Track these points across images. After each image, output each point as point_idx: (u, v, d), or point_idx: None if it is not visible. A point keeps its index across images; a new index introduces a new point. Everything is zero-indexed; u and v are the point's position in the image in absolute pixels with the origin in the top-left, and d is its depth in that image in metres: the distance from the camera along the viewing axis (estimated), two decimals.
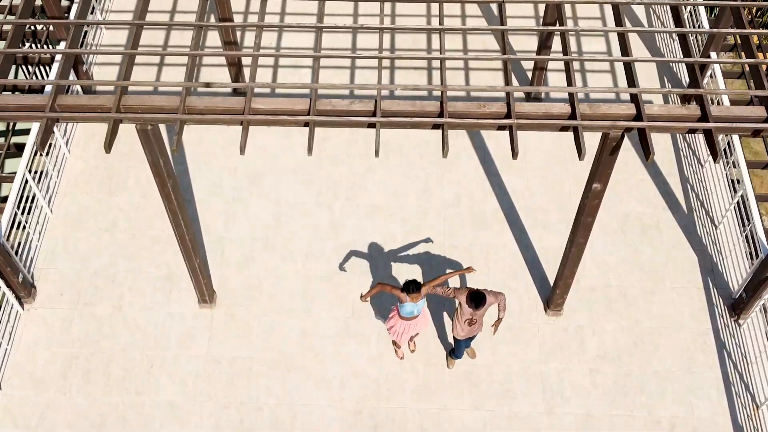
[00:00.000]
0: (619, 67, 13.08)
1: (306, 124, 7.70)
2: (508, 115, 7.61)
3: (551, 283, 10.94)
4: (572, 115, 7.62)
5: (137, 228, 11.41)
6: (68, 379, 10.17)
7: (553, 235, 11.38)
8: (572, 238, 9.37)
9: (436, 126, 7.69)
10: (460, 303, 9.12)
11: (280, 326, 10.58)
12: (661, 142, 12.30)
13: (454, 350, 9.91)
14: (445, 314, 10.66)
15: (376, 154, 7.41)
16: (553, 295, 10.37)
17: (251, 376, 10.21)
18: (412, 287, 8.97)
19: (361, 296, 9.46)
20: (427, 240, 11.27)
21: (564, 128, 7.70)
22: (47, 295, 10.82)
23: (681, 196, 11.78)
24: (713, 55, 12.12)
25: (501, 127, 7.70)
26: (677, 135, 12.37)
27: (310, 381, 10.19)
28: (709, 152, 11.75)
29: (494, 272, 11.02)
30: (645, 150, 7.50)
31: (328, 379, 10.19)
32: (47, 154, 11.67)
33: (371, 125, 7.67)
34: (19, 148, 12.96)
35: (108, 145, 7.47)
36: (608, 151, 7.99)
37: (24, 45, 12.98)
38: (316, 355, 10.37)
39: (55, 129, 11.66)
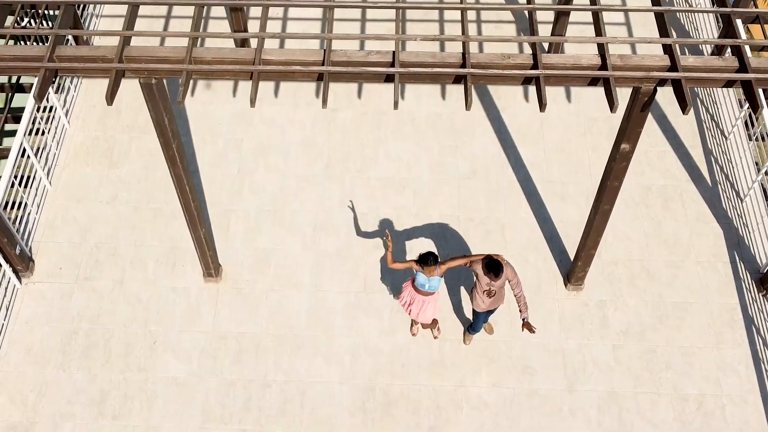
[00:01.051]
0: (648, 22, 12.64)
1: (320, 77, 7.25)
2: (534, 66, 7.15)
3: (571, 256, 10.50)
4: (603, 66, 7.16)
5: (139, 200, 10.97)
6: (67, 354, 9.72)
7: (572, 208, 10.93)
8: (597, 204, 8.92)
9: (457, 79, 7.24)
10: (476, 274, 8.67)
11: (288, 301, 10.14)
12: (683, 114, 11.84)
13: (472, 325, 9.47)
14: (462, 289, 10.21)
15: (395, 106, 6.96)
16: (574, 268, 9.92)
17: (259, 352, 9.77)
18: (431, 260, 8.52)
19: (390, 244, 8.83)
20: (441, 213, 10.82)
21: (593, 81, 7.25)
22: (46, 269, 10.38)
23: (704, 169, 11.33)
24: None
25: (527, 80, 7.24)
26: (700, 105, 11.92)
27: (320, 357, 9.74)
28: (733, 124, 11.34)
29: (511, 246, 10.57)
30: (681, 103, 7.04)
31: (339, 354, 9.75)
32: (45, 131, 11.23)
33: (389, 78, 7.22)
34: (17, 121, 12.54)
35: (110, 97, 7.01)
36: (639, 107, 7.54)
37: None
38: (326, 331, 9.92)
39: (54, 99, 11.22)
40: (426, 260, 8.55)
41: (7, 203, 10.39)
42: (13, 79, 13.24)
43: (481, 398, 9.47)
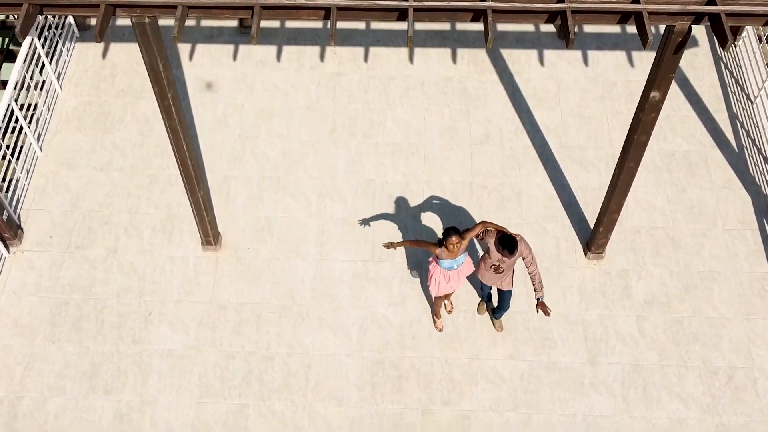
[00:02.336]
0: None
1: (326, 14, 6.67)
2: (560, 0, 6.56)
3: (591, 224, 9.92)
4: (635, 0, 6.58)
5: (134, 167, 10.39)
6: (57, 326, 9.15)
7: (592, 174, 10.35)
8: (621, 162, 8.33)
9: (476, 16, 6.66)
10: (488, 246, 8.09)
11: (292, 270, 9.56)
12: (707, 79, 11.27)
13: (482, 288, 8.90)
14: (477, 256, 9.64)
15: (408, 42, 6.38)
16: (595, 235, 9.33)
17: (260, 323, 9.19)
18: (452, 233, 7.76)
19: (390, 244, 8.29)
20: (453, 179, 10.24)
21: (624, 18, 6.66)
22: (35, 238, 9.80)
23: (730, 134, 10.74)
24: None
25: (552, 17, 6.66)
26: (724, 70, 11.33)
27: (326, 328, 9.16)
28: (760, 88, 10.75)
29: (528, 213, 9.99)
30: (721, 40, 6.45)
31: (346, 326, 9.17)
32: (39, 89, 10.66)
33: (402, 15, 6.64)
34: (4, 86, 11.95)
35: (99, 34, 6.43)
36: (672, 49, 6.96)
37: None
38: (331, 301, 9.34)
39: (46, 62, 10.65)
40: (449, 234, 7.75)
41: None
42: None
43: (497, 371, 8.89)
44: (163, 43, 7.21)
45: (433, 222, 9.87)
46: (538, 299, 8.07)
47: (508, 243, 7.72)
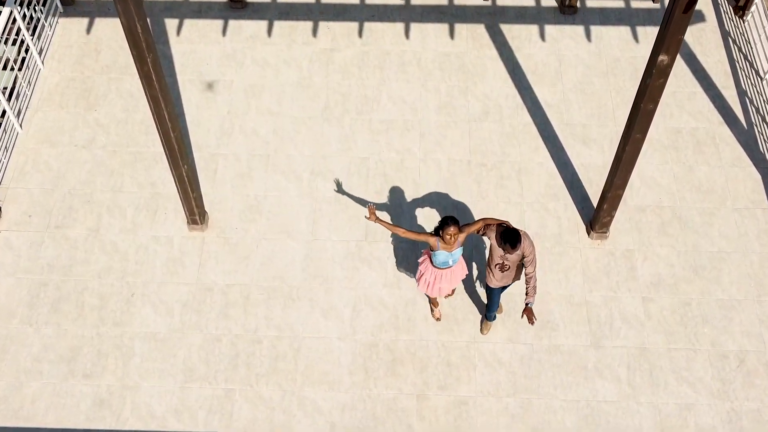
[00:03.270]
0: None
1: None
2: None
3: (594, 203, 9.50)
4: None
5: (118, 144, 9.96)
6: (35, 308, 8.72)
7: (595, 152, 9.92)
8: (627, 134, 7.91)
9: None
10: (490, 242, 7.58)
11: (281, 250, 9.13)
12: (714, 54, 10.84)
13: (488, 307, 8.23)
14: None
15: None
16: (599, 213, 8.90)
17: (248, 305, 8.76)
18: (450, 222, 7.20)
19: (375, 216, 7.51)
20: (450, 157, 9.81)
21: None
22: (14, 217, 9.38)
23: (739, 111, 10.31)
24: None
25: None
26: (732, 45, 10.89)
27: (317, 310, 8.74)
28: None
29: (528, 192, 9.57)
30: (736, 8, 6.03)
31: (338, 308, 8.75)
32: (19, 69, 10.23)
33: None
34: None
35: None
36: (681, 7, 6.53)
37: None
38: (323, 282, 8.92)
39: (28, 39, 10.22)
40: (446, 224, 7.19)
41: None
42: None
43: (496, 355, 8.47)
44: (141, 4, 6.78)
45: (429, 200, 9.45)
46: (527, 304, 7.51)
47: (510, 236, 7.17)
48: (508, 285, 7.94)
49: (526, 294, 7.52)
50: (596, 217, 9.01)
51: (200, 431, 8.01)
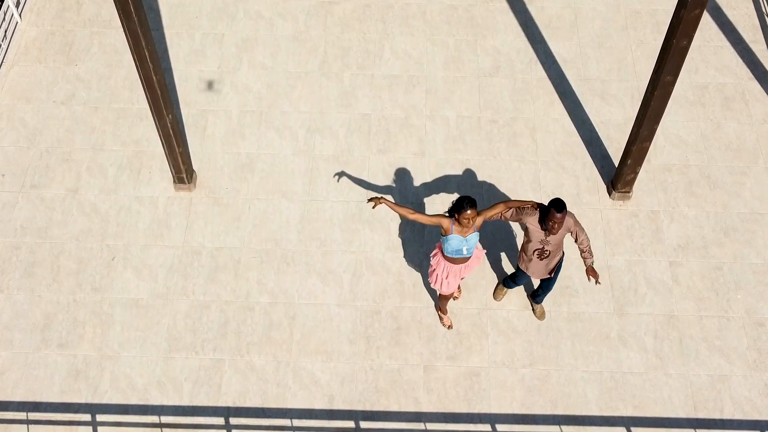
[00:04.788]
0: None
1: None
2: None
3: (615, 161, 8.76)
4: None
5: (100, 100, 9.22)
6: (6, 273, 7.99)
7: (615, 108, 9.18)
8: (655, 77, 7.16)
9: None
10: (526, 227, 6.75)
11: (276, 211, 8.40)
12: (741, 8, 10.10)
13: (512, 278, 7.45)
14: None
15: None
16: (622, 170, 8.16)
17: (239, 269, 8.03)
18: (467, 205, 6.30)
19: (377, 199, 6.61)
20: (459, 113, 9.07)
21: None
22: None
23: None
24: None
25: None
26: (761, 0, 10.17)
27: (314, 275, 8.00)
28: None
29: (543, 150, 8.83)
30: None
31: (337, 273, 8.01)
32: None
33: None
34: None
35: None
36: None
37: None
38: (321, 245, 8.18)
39: None
40: (462, 205, 6.33)
41: None
42: None
43: (510, 323, 7.73)
44: None
45: (435, 159, 8.71)
46: (589, 265, 6.77)
47: (554, 202, 6.37)
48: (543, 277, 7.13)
49: (584, 258, 6.76)
50: (618, 175, 8.27)
51: (185, 404, 7.28)
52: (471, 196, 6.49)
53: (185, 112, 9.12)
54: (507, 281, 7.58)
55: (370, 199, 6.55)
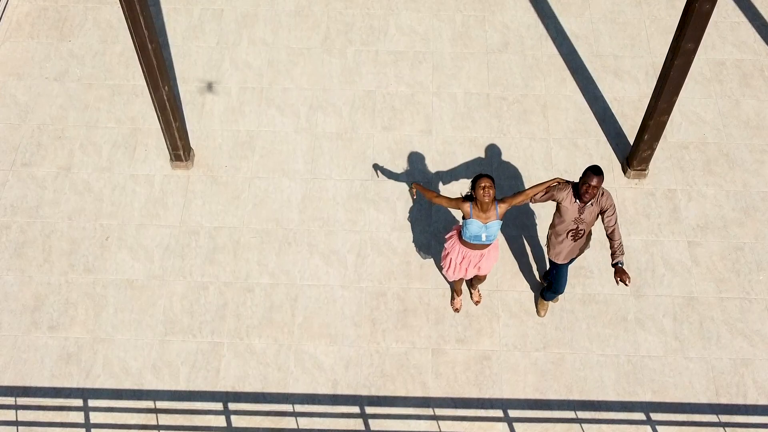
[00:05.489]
0: None
1: None
2: None
3: (630, 139, 8.42)
4: None
5: (94, 76, 8.88)
6: None
7: (629, 84, 8.84)
8: (676, 44, 6.82)
9: None
10: (558, 206, 6.32)
11: (277, 190, 8.06)
12: None
13: (552, 285, 6.93)
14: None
15: None
16: (638, 146, 7.82)
17: (238, 250, 7.68)
18: (482, 176, 6.00)
19: (414, 188, 6.55)
20: (467, 90, 8.73)
21: None
22: None
23: None
24: None
25: None
26: None
27: (317, 256, 7.65)
28: None
29: (555, 127, 8.48)
30: None
31: (341, 253, 7.66)
32: None
33: None
34: None
35: None
36: None
37: None
38: (324, 225, 7.84)
39: None
40: (477, 177, 5.98)
41: None
42: None
43: (522, 305, 7.38)
44: None
45: (443, 136, 8.37)
46: (616, 264, 6.11)
47: (591, 168, 5.99)
48: (575, 258, 6.71)
49: (614, 254, 6.16)
50: (634, 152, 7.92)
51: (182, 389, 6.93)
52: (488, 175, 6.06)
53: (183, 89, 8.79)
54: (545, 293, 7.13)
55: (412, 187, 6.43)
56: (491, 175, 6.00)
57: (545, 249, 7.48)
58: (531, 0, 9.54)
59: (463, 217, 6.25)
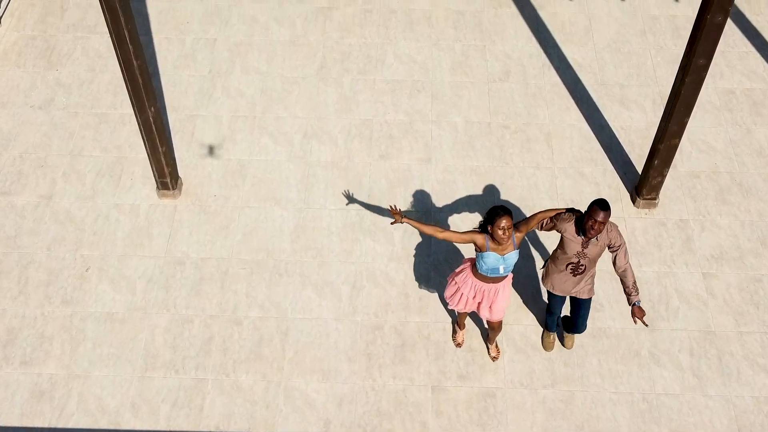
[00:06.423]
0: None
1: None
2: None
3: (638, 167, 8.06)
4: None
5: (81, 105, 8.56)
6: None
7: (636, 113, 8.51)
8: (687, 61, 6.50)
9: None
10: (561, 237, 5.91)
11: (268, 219, 7.65)
12: (765, 13, 9.52)
13: (547, 314, 6.63)
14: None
15: None
16: (648, 173, 7.44)
17: (226, 281, 7.24)
18: (501, 212, 5.51)
19: (397, 213, 5.84)
20: (467, 119, 8.40)
21: None
22: None
23: None
24: None
25: None
26: None
27: (309, 287, 7.21)
28: None
29: (560, 156, 8.13)
30: None
31: (335, 284, 7.22)
32: None
33: None
34: None
35: None
36: None
37: None
38: (317, 255, 7.41)
39: None
40: (495, 215, 5.53)
41: None
42: None
43: (528, 339, 6.91)
44: None
45: (443, 165, 8.00)
46: (634, 304, 5.84)
47: (598, 201, 5.58)
48: (570, 296, 6.29)
49: (629, 294, 5.82)
50: (644, 179, 7.54)
51: (162, 429, 6.41)
52: (504, 205, 5.67)
53: (172, 118, 8.45)
54: (549, 323, 6.70)
55: (392, 212, 5.79)
56: (508, 208, 5.56)
57: (540, 273, 7.07)
58: (533, 30, 9.29)
59: (477, 250, 5.80)
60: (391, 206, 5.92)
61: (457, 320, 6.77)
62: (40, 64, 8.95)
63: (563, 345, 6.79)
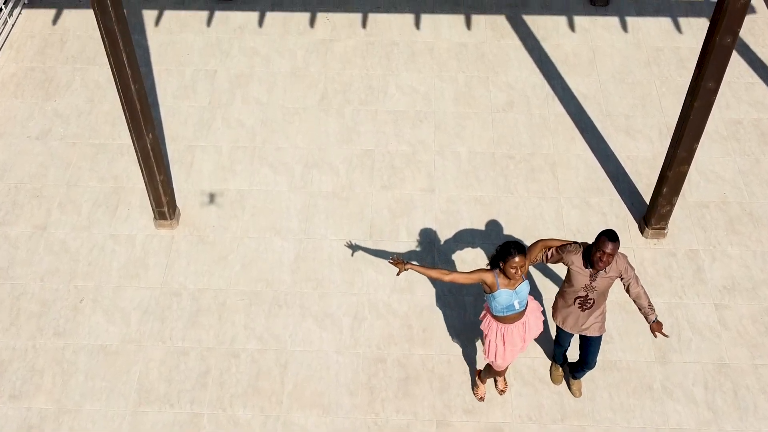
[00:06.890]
0: None
1: None
2: None
3: (645, 197, 7.90)
4: None
5: (78, 136, 8.44)
6: None
7: (642, 143, 8.38)
8: (695, 84, 6.37)
9: None
10: (568, 270, 5.71)
11: (267, 250, 7.46)
12: None
13: (555, 348, 6.45)
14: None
15: None
16: (656, 201, 7.28)
17: (224, 312, 7.03)
18: (514, 251, 5.31)
19: (399, 262, 5.56)
20: (471, 149, 8.27)
21: None
22: None
23: None
24: None
25: None
26: None
27: (310, 319, 6.99)
28: None
29: (566, 186, 7.97)
30: None
31: (336, 316, 7.00)
32: None
33: None
34: None
35: None
36: None
37: None
38: (317, 286, 7.20)
39: None
40: (507, 254, 5.32)
41: None
42: None
43: (536, 373, 6.67)
44: None
45: (447, 195, 7.84)
46: (652, 322, 5.67)
47: (606, 232, 5.39)
48: (580, 333, 6.02)
49: (646, 315, 5.64)
50: (652, 208, 7.37)
51: None
52: (517, 241, 5.46)
53: (171, 148, 8.32)
54: (557, 355, 6.50)
55: (393, 262, 5.56)
56: (521, 244, 5.36)
57: (551, 311, 6.86)
58: (536, 61, 9.21)
59: (487, 291, 5.56)
60: (391, 258, 5.69)
61: (480, 373, 6.43)
62: (38, 94, 8.85)
63: (571, 392, 6.53)
